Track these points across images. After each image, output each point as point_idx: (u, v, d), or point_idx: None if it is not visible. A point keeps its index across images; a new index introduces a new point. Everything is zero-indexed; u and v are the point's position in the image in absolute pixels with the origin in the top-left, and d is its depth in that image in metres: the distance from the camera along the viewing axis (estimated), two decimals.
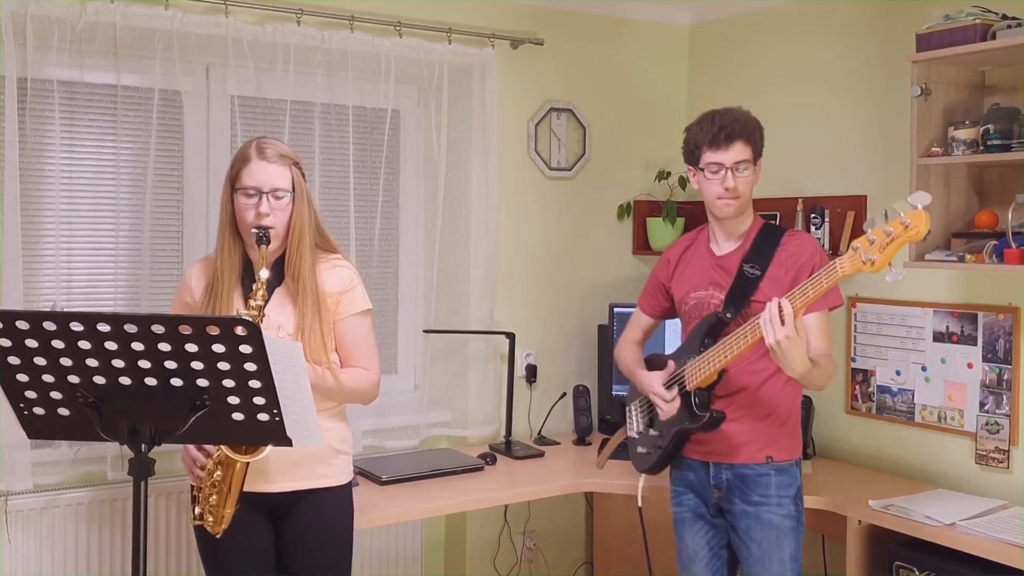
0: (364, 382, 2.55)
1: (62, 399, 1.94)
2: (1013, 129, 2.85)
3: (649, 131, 4.21)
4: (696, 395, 2.59)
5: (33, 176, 3.07)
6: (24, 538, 3.06)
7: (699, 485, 2.73)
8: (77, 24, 2.99)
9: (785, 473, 2.64)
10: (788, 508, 2.63)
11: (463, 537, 3.86)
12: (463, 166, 3.76)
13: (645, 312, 2.95)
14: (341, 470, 2.57)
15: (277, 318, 2.45)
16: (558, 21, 3.94)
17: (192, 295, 2.55)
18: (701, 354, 2.57)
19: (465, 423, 3.82)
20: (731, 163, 2.59)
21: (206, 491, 2.38)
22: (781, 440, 2.65)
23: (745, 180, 2.61)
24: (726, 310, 2.60)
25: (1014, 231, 2.86)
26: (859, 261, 2.20)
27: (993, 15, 2.89)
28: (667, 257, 2.88)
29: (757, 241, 2.66)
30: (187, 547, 3.30)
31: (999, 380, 3.13)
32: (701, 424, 2.57)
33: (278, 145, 2.50)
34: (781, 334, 2.30)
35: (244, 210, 2.43)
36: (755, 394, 2.63)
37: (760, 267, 2.61)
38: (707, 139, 2.61)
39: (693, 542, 2.77)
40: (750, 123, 2.64)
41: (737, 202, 2.62)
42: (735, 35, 4.06)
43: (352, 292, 2.54)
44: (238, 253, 2.49)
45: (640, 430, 2.84)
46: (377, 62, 3.51)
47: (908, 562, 2.89)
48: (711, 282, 2.68)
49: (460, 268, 3.79)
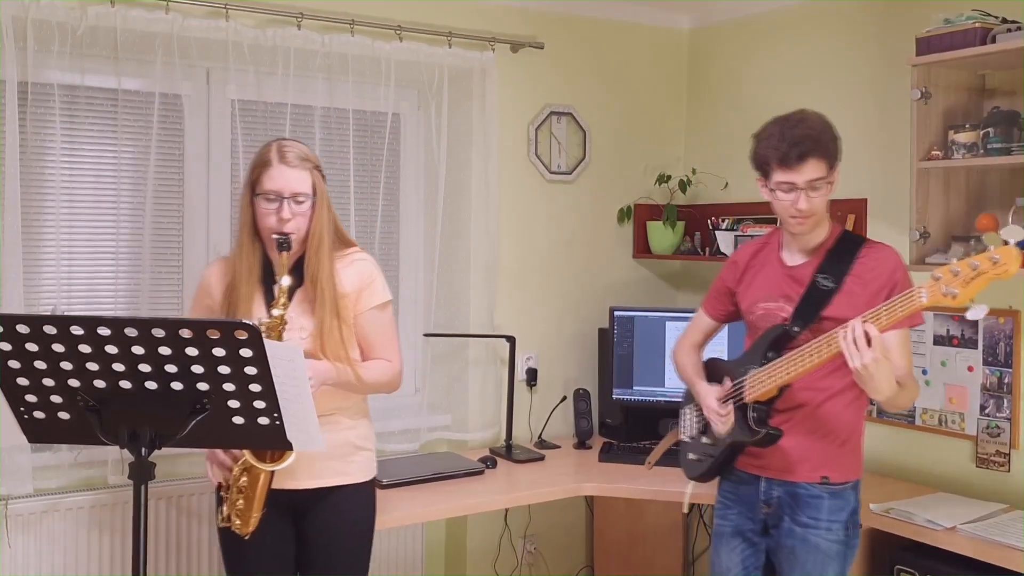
0: (386, 373, 2.59)
1: (62, 403, 1.94)
2: (1013, 132, 2.85)
3: (649, 134, 4.21)
4: (754, 409, 2.48)
5: (34, 180, 3.07)
6: (24, 542, 3.06)
7: (748, 499, 2.61)
8: (78, 28, 2.99)
9: (839, 497, 2.49)
10: (838, 533, 2.49)
11: (463, 541, 3.86)
12: (463, 170, 3.76)
13: (709, 314, 2.81)
14: (363, 467, 2.60)
15: (298, 320, 2.47)
16: (558, 25, 3.95)
17: (212, 297, 2.56)
18: (763, 367, 2.45)
19: (465, 427, 3.82)
20: (804, 183, 2.39)
21: (233, 495, 2.41)
22: (839, 461, 2.50)
23: (820, 199, 2.42)
24: (794, 323, 2.46)
25: None
26: (939, 293, 2.08)
27: (993, 19, 2.89)
28: (735, 260, 2.74)
29: (833, 252, 2.50)
30: (187, 551, 3.30)
31: (1000, 383, 3.13)
32: (756, 440, 2.47)
33: (299, 148, 2.50)
34: (869, 357, 2.17)
35: (265, 215, 2.44)
36: (815, 411, 2.49)
37: (835, 280, 2.45)
38: (777, 156, 2.40)
39: (728, 558, 2.65)
40: (824, 133, 2.42)
41: (810, 220, 2.45)
42: (735, 39, 4.06)
43: (371, 287, 2.56)
44: (257, 256, 2.50)
45: (693, 435, 2.73)
46: (377, 66, 3.51)
47: (909, 566, 2.88)
48: (781, 294, 2.53)
49: (460, 272, 3.79)
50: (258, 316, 2.41)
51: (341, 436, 2.53)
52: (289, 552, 2.57)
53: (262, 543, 2.47)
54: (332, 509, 2.54)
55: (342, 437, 2.53)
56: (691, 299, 4.26)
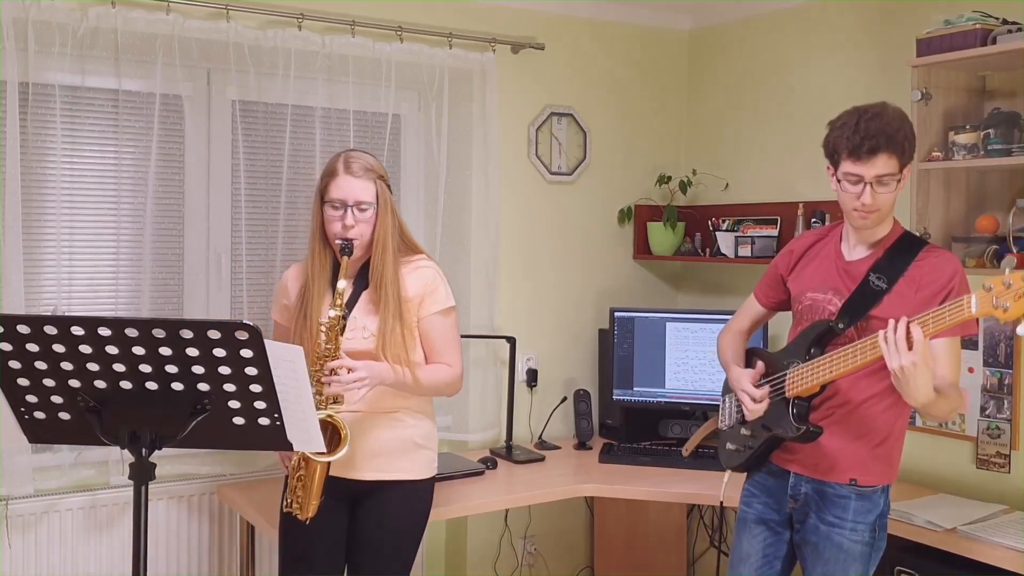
0: (446, 377, 2.70)
1: (63, 403, 1.94)
2: (1013, 134, 2.85)
3: (650, 135, 4.22)
4: (795, 404, 2.43)
5: (34, 181, 3.07)
6: (24, 543, 3.06)
7: (776, 492, 2.58)
8: (78, 29, 2.99)
9: (867, 499, 2.46)
10: (863, 534, 2.45)
11: (464, 541, 3.86)
12: (464, 170, 3.76)
13: (759, 300, 2.75)
14: (423, 465, 2.69)
15: (363, 320, 2.59)
16: (559, 25, 3.95)
17: (288, 297, 2.71)
18: (806, 362, 2.41)
19: (466, 427, 3.82)
20: (872, 177, 2.33)
21: (292, 483, 2.53)
22: (870, 464, 2.46)
23: (886, 194, 2.36)
24: (839, 320, 2.40)
25: (1015, 236, 2.86)
26: (990, 304, 2.01)
27: (993, 20, 2.90)
28: (791, 248, 2.67)
29: (891, 251, 2.43)
30: (187, 551, 3.30)
31: (1000, 384, 3.13)
32: (797, 436, 2.43)
33: (365, 159, 2.63)
34: (908, 360, 2.11)
35: (331, 221, 2.58)
36: (853, 412, 2.45)
37: (888, 280, 2.39)
38: (848, 147, 2.34)
39: (748, 545, 2.63)
40: (900, 130, 2.34)
41: (874, 215, 2.38)
42: (735, 40, 4.06)
43: (434, 293, 2.66)
44: (328, 260, 2.63)
45: (731, 424, 2.69)
46: (378, 67, 3.51)
47: (909, 567, 2.88)
48: (831, 287, 2.48)
49: (461, 272, 3.79)
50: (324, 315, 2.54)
51: (403, 434, 2.65)
52: (341, 541, 2.67)
53: (317, 529, 2.58)
54: (389, 502, 2.64)
55: (404, 435, 2.65)
56: (691, 300, 4.26)
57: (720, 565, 3.76)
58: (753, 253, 3.78)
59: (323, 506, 2.53)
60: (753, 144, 3.97)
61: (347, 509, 2.66)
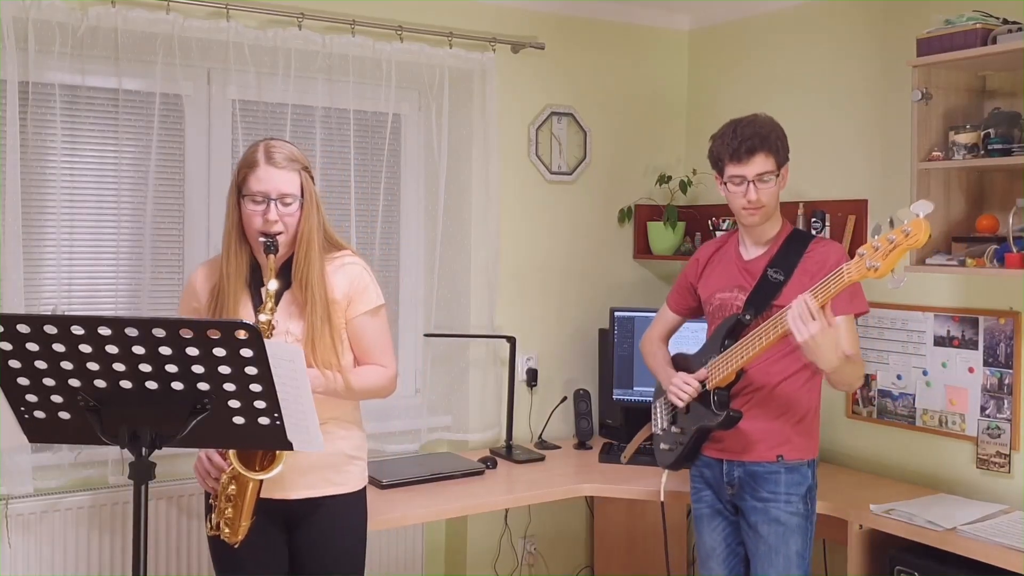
0: (379, 379, 2.54)
1: (63, 403, 1.94)
2: (1014, 133, 2.85)
3: (650, 135, 4.21)
4: (715, 394, 2.65)
5: (34, 180, 3.07)
6: (24, 542, 3.06)
7: (714, 482, 2.78)
8: (78, 28, 2.99)
9: (795, 472, 2.67)
10: (796, 506, 2.66)
11: (464, 541, 3.86)
12: (464, 170, 3.76)
13: (672, 309, 2.99)
14: (355, 476, 2.56)
15: (285, 323, 2.41)
16: (559, 25, 3.95)
17: (199, 300, 2.52)
18: (720, 354, 2.63)
19: (466, 427, 3.82)
20: (753, 175, 2.62)
21: (222, 504, 2.37)
22: (794, 439, 2.68)
23: (768, 190, 2.63)
24: (746, 312, 2.64)
25: (1015, 235, 2.86)
26: (864, 267, 2.25)
27: (994, 19, 2.89)
28: (696, 257, 2.93)
29: (784, 247, 2.70)
30: (187, 551, 3.30)
31: (1000, 384, 3.13)
32: (719, 423, 2.63)
33: (287, 148, 2.44)
34: (815, 328, 2.34)
35: (251, 216, 2.39)
36: (771, 393, 2.68)
37: (784, 272, 2.64)
38: (728, 152, 2.64)
39: (711, 538, 2.82)
40: (771, 133, 2.65)
41: (761, 211, 2.66)
42: (735, 39, 4.06)
43: (363, 292, 2.50)
44: (245, 258, 2.45)
45: (664, 427, 2.89)
46: (378, 66, 3.51)
47: (909, 567, 2.88)
48: (736, 285, 2.73)
49: (461, 272, 3.80)
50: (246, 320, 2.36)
51: (334, 446, 2.47)
52: (281, 561, 2.53)
53: (253, 552, 2.44)
54: (326, 519, 2.51)
55: (335, 447, 2.48)
56: None
57: None
58: None
59: (256, 529, 2.37)
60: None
61: (282, 530, 2.51)
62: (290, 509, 2.48)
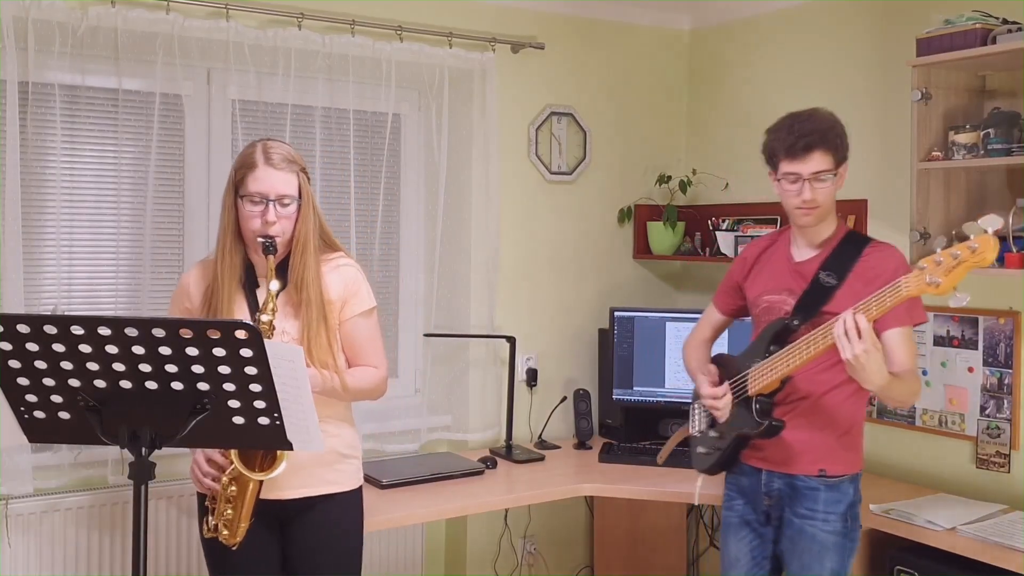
0: (372, 380, 2.55)
1: (63, 403, 1.94)
2: (1013, 133, 2.85)
3: (650, 135, 4.21)
4: (757, 401, 2.52)
5: (34, 180, 3.07)
6: (24, 542, 3.06)
7: (751, 491, 2.67)
8: (78, 28, 2.99)
9: (835, 489, 2.54)
10: (834, 524, 2.54)
11: (463, 541, 3.86)
12: (464, 170, 3.76)
13: (718, 309, 2.87)
14: (350, 475, 2.57)
15: (281, 324, 2.41)
16: (559, 25, 3.95)
17: (191, 300, 2.52)
18: (765, 359, 2.50)
19: (466, 427, 3.82)
20: (809, 174, 2.48)
21: (221, 505, 2.37)
22: (838, 453, 2.56)
23: (824, 190, 2.50)
24: (794, 317, 2.52)
25: (1014, 235, 2.86)
26: (923, 282, 2.12)
27: (993, 19, 2.89)
28: (744, 256, 2.81)
29: (838, 249, 2.56)
30: (187, 551, 3.30)
31: (1000, 384, 3.13)
32: (759, 431, 2.52)
33: (285, 149, 2.46)
34: (859, 348, 2.22)
35: (249, 217, 2.39)
36: (816, 403, 2.55)
37: (837, 276, 2.51)
38: (784, 148, 2.50)
39: (736, 548, 2.70)
40: (831, 129, 2.51)
41: (816, 212, 2.52)
42: (735, 39, 4.06)
43: (356, 294, 2.52)
44: (239, 258, 2.45)
45: (701, 429, 2.77)
46: (378, 66, 3.51)
47: (909, 566, 2.88)
48: (785, 287, 2.60)
49: (461, 272, 3.80)
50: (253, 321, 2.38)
51: (327, 445, 2.42)
52: (275, 562, 2.53)
53: (248, 553, 2.44)
54: (321, 518, 2.51)
55: (327, 445, 2.44)
56: (691, 300, 4.26)
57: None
58: None
59: (254, 531, 2.38)
60: (753, 144, 3.94)
61: (276, 530, 2.51)
62: (284, 509, 2.48)
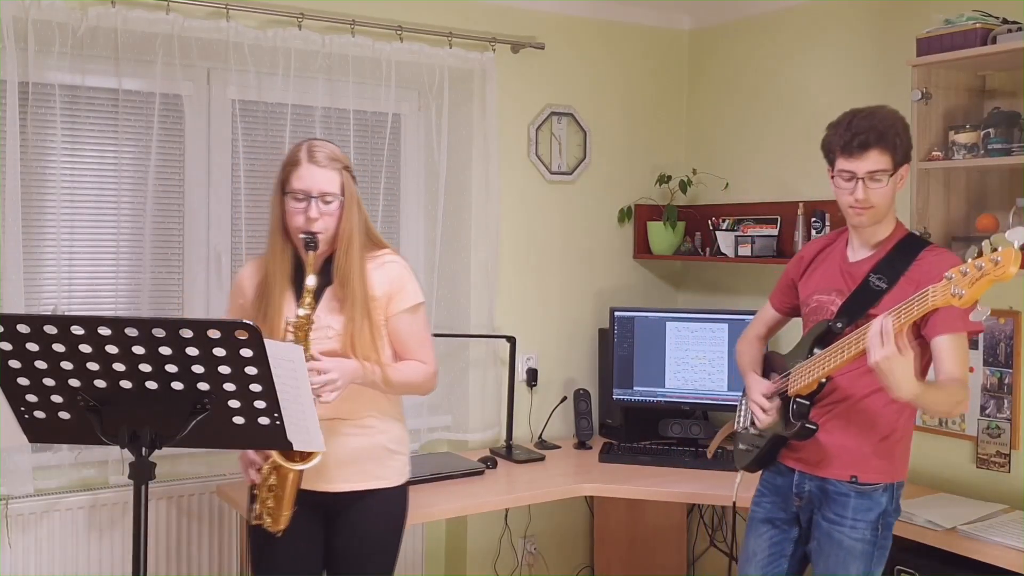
0: (419, 375, 2.58)
1: (63, 403, 1.94)
2: (1013, 133, 2.85)
3: (650, 135, 4.21)
4: (795, 402, 2.48)
5: (34, 180, 3.07)
6: (24, 542, 3.06)
7: (783, 490, 2.63)
8: (78, 28, 2.99)
9: (867, 497, 2.47)
10: (863, 532, 2.48)
11: (464, 541, 3.86)
12: (464, 170, 3.76)
13: (774, 306, 2.83)
14: (396, 471, 2.60)
15: (326, 319, 2.45)
16: (559, 25, 3.95)
17: (245, 296, 2.56)
18: (806, 360, 2.47)
19: (466, 427, 3.82)
20: (864, 173, 2.39)
21: (263, 494, 2.42)
22: (872, 460, 2.48)
23: (880, 191, 2.40)
24: (838, 319, 2.46)
25: None
26: (948, 293, 2.06)
27: (993, 19, 2.89)
28: (801, 254, 2.75)
29: (892, 252, 2.48)
30: (187, 551, 3.30)
31: (1000, 384, 3.13)
32: (791, 433, 2.49)
33: (329, 148, 2.50)
34: (880, 354, 2.16)
35: (293, 214, 2.44)
36: (854, 407, 2.49)
37: (888, 280, 2.43)
38: (840, 144, 2.42)
39: (754, 543, 2.68)
40: (891, 128, 2.41)
41: (869, 212, 2.43)
42: (735, 39, 4.06)
43: (402, 291, 2.55)
44: (289, 255, 2.50)
45: (745, 426, 2.74)
46: (378, 66, 3.51)
47: (909, 566, 2.88)
48: (835, 287, 2.55)
49: (461, 272, 3.80)
50: (287, 315, 2.42)
51: (374, 440, 2.54)
52: (317, 552, 2.57)
53: (290, 542, 2.48)
54: (365, 512, 2.54)
55: (375, 441, 2.54)
56: (691, 299, 4.26)
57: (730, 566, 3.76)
58: (753, 253, 3.78)
59: (295, 518, 2.43)
60: (753, 144, 3.97)
61: (321, 521, 2.56)
62: (331, 501, 2.52)
